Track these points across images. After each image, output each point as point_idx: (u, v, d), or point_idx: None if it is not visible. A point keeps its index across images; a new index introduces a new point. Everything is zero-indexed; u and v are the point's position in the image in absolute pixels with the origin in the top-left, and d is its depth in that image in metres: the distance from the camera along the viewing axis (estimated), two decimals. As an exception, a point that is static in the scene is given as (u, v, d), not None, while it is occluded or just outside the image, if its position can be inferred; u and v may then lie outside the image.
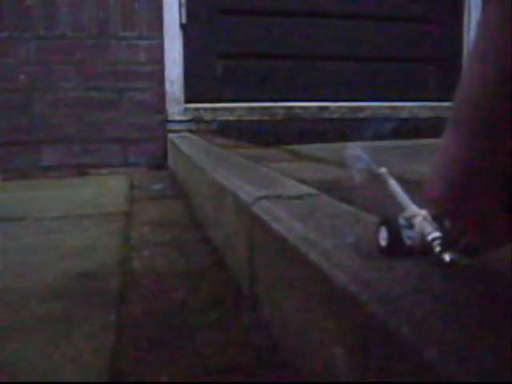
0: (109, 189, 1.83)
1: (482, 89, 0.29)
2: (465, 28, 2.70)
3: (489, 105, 0.28)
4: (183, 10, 2.25)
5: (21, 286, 0.82)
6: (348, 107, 2.49)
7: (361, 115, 2.50)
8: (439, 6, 2.67)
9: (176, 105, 2.28)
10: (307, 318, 0.49)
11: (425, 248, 0.39)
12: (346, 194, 0.80)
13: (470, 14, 2.68)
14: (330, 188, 0.87)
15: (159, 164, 2.25)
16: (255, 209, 0.68)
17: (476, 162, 0.30)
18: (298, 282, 0.51)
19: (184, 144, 1.76)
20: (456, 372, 0.26)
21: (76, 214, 1.36)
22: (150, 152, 2.25)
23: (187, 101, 2.31)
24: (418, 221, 0.41)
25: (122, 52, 2.19)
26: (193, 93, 2.32)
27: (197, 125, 2.32)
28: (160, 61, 2.23)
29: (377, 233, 0.44)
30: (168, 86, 2.25)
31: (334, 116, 2.47)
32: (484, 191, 0.31)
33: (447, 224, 0.38)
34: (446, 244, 0.38)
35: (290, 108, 2.41)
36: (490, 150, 0.29)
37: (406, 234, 0.42)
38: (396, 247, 0.42)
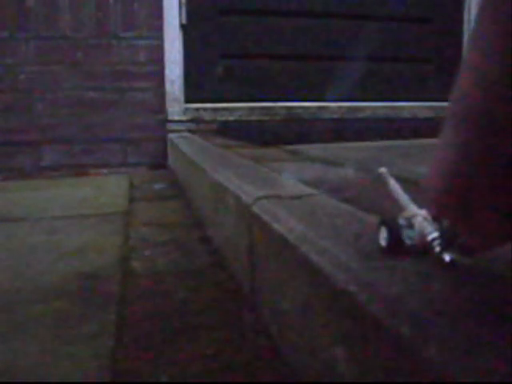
0: (109, 189, 1.82)
1: (480, 86, 0.28)
2: (465, 27, 2.70)
3: (487, 102, 0.28)
4: (183, 10, 2.25)
5: (21, 286, 0.82)
6: (348, 107, 2.49)
7: (361, 115, 2.50)
8: (439, 6, 2.67)
9: (176, 105, 2.28)
10: (307, 318, 0.49)
11: (425, 248, 0.39)
12: (346, 194, 0.80)
13: (469, 13, 2.68)
14: (330, 188, 0.87)
15: (159, 164, 2.25)
16: (255, 209, 0.68)
17: (474, 161, 0.30)
18: (298, 281, 0.51)
19: (184, 144, 1.76)
20: (456, 372, 0.26)
21: (76, 213, 1.36)
22: (150, 152, 2.25)
23: (187, 101, 2.31)
24: (418, 221, 0.41)
25: (122, 52, 2.19)
26: (193, 93, 2.32)
27: (197, 125, 2.32)
28: (160, 61, 2.23)
29: (377, 233, 0.44)
30: (168, 86, 2.25)
31: (334, 116, 2.47)
32: (482, 191, 0.31)
33: (445, 223, 0.38)
34: (444, 242, 0.38)
35: (290, 108, 2.41)
36: (488, 148, 0.29)
37: (406, 234, 0.42)
38: (396, 247, 0.42)
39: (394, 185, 0.48)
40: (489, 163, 0.30)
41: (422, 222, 0.41)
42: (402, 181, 0.50)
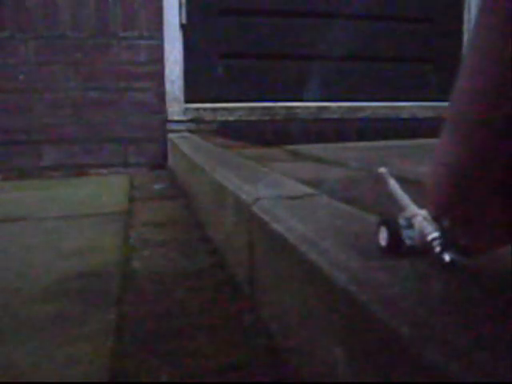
0: (109, 189, 1.82)
1: (480, 87, 0.28)
2: (465, 28, 2.70)
3: (487, 104, 0.28)
4: (183, 10, 2.25)
5: (21, 286, 0.82)
6: (348, 107, 2.49)
7: (361, 115, 2.50)
8: (439, 6, 2.67)
9: (176, 105, 2.28)
10: (307, 318, 0.49)
11: (425, 248, 0.39)
12: (346, 194, 0.80)
13: (469, 13, 2.68)
14: (330, 188, 0.87)
15: (159, 164, 2.25)
16: (255, 209, 0.68)
17: (474, 163, 0.30)
18: (298, 282, 0.51)
19: (184, 144, 1.76)
20: (456, 372, 0.26)
21: (76, 214, 1.36)
22: (150, 152, 2.25)
23: (187, 101, 2.30)
24: (417, 221, 0.41)
25: (122, 52, 2.19)
26: (193, 93, 2.32)
27: (197, 125, 2.32)
28: (160, 61, 2.23)
29: (377, 233, 0.44)
30: (168, 86, 2.25)
31: (334, 116, 2.47)
32: (482, 192, 0.31)
33: (445, 224, 0.38)
34: (444, 244, 0.38)
35: (290, 108, 2.41)
36: (488, 150, 0.29)
37: (406, 234, 0.42)
38: (396, 247, 0.42)
39: (393, 185, 0.48)
40: (488, 167, 0.30)
41: (421, 222, 0.41)
42: (402, 181, 0.50)
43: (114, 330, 0.66)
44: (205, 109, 2.33)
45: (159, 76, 2.24)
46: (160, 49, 2.23)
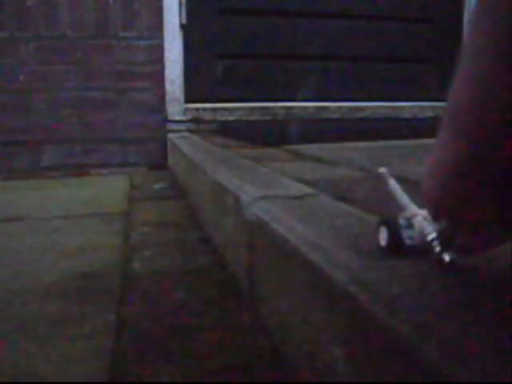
0: (109, 189, 1.82)
1: (478, 87, 0.28)
2: (465, 28, 2.70)
3: (485, 104, 0.28)
4: (183, 10, 2.25)
5: (21, 286, 0.82)
6: (348, 107, 2.49)
7: (361, 115, 2.50)
8: (439, 6, 2.67)
9: (176, 105, 2.28)
10: (307, 318, 0.49)
11: (425, 248, 0.40)
12: (346, 194, 0.80)
13: (469, 13, 2.68)
14: (330, 188, 0.87)
15: (159, 164, 2.25)
16: (255, 209, 0.68)
17: (470, 163, 0.30)
18: (298, 282, 0.51)
19: (184, 144, 1.76)
20: (456, 372, 0.26)
21: (76, 214, 1.36)
22: (150, 152, 2.25)
23: (187, 101, 2.31)
24: (417, 221, 0.41)
25: (122, 52, 2.19)
26: (193, 93, 2.32)
27: (197, 125, 2.32)
28: (160, 61, 2.23)
29: (377, 233, 0.44)
30: (168, 86, 2.25)
31: (334, 116, 2.47)
32: (478, 192, 0.31)
33: (442, 223, 0.38)
34: (443, 242, 0.38)
35: (290, 108, 2.41)
36: (485, 150, 0.29)
37: (406, 234, 0.42)
38: (396, 247, 0.42)
39: (393, 185, 0.48)
40: (486, 166, 0.30)
41: (421, 222, 0.41)
42: (402, 181, 0.50)
43: (115, 330, 0.66)
44: (205, 109, 2.33)
45: (159, 76, 2.24)
46: (160, 49, 2.23)
